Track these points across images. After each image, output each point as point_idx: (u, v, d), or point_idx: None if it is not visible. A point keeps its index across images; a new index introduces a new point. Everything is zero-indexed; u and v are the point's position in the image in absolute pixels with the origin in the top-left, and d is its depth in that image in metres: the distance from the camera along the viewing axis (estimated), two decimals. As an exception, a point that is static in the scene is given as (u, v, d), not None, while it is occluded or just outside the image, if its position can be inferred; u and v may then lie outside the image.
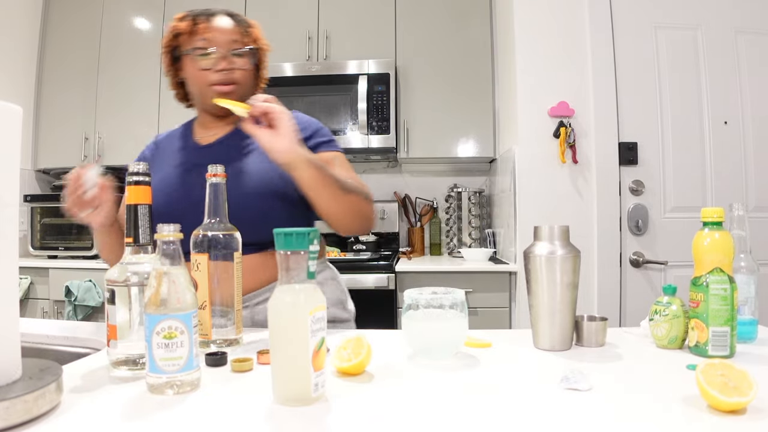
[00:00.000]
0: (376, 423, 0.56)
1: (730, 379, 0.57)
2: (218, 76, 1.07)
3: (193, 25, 1.08)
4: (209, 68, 1.07)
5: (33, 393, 0.54)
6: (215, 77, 1.07)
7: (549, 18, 2.14)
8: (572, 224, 0.97)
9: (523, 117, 2.14)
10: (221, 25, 1.09)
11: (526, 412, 0.58)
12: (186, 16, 1.11)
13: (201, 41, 1.07)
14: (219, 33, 1.08)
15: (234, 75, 1.08)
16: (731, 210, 0.92)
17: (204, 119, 1.17)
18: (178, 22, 1.11)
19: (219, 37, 1.07)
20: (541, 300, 0.86)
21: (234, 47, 1.08)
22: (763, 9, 2.13)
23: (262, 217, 1.03)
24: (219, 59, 1.07)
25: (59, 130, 2.84)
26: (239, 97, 1.08)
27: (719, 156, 2.10)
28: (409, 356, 0.81)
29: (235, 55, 1.08)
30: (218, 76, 1.07)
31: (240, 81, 1.10)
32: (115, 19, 2.83)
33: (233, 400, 0.62)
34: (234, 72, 1.08)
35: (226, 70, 1.07)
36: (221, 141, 1.14)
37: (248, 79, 1.13)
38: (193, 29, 1.08)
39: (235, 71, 1.08)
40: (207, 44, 1.07)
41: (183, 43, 1.09)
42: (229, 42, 1.08)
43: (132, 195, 0.74)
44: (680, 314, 0.84)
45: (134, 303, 0.71)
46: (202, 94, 1.10)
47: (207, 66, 1.07)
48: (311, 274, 0.62)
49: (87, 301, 2.33)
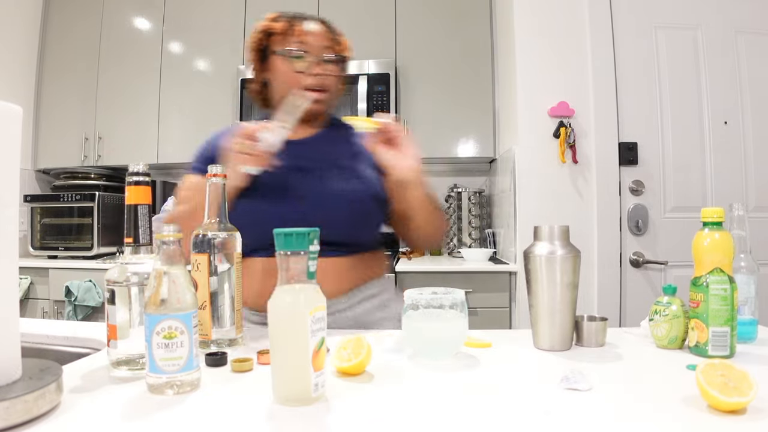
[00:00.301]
0: (376, 423, 0.56)
1: (730, 379, 0.57)
2: (311, 81, 1.06)
3: (288, 27, 1.08)
4: (303, 71, 1.06)
5: (33, 393, 0.54)
6: (308, 81, 1.06)
7: (549, 18, 2.14)
8: (572, 224, 0.96)
9: (523, 117, 2.14)
10: (315, 29, 1.09)
11: (526, 412, 0.58)
12: (280, 17, 1.11)
13: (295, 44, 1.07)
14: (313, 38, 1.07)
15: (326, 81, 1.08)
16: (731, 210, 0.92)
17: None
18: (272, 22, 1.10)
19: (313, 41, 1.07)
20: (541, 300, 0.86)
21: (326, 52, 1.08)
22: (763, 9, 2.13)
23: (360, 218, 1.05)
24: (314, 64, 1.06)
25: (59, 130, 2.84)
26: (327, 102, 1.11)
27: (719, 156, 2.10)
28: (409, 356, 0.81)
29: (326, 61, 1.08)
30: (311, 80, 1.06)
31: (330, 87, 1.10)
32: (115, 19, 2.83)
33: (233, 400, 0.62)
34: (326, 78, 1.08)
35: (320, 75, 1.07)
36: (311, 139, 1.13)
37: (336, 86, 1.13)
38: (288, 30, 1.08)
39: (327, 77, 1.08)
40: (301, 47, 1.06)
41: (275, 43, 1.09)
42: (322, 48, 1.08)
43: (132, 195, 0.74)
44: (680, 314, 0.84)
45: (134, 303, 0.71)
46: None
47: (301, 69, 1.06)
48: (311, 274, 0.62)
49: (87, 301, 2.34)
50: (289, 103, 1.01)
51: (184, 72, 2.76)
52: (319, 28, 1.10)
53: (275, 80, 1.11)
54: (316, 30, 1.09)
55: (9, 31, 2.72)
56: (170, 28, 2.79)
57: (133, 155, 2.70)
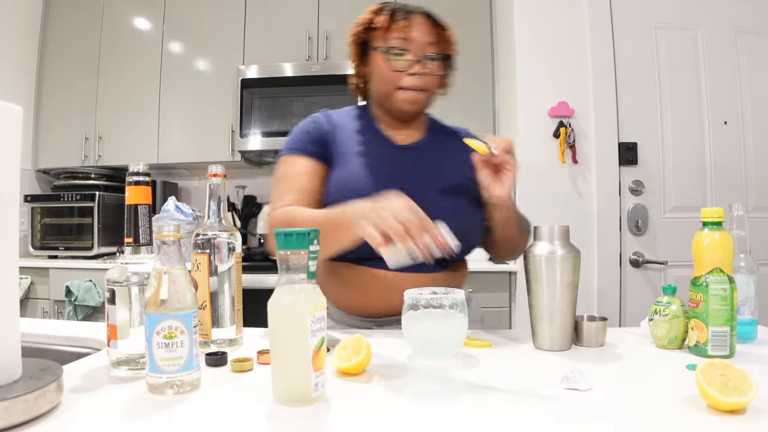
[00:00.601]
0: (376, 423, 0.56)
1: (729, 379, 0.57)
2: (410, 81, 1.02)
3: (390, 21, 1.02)
4: (402, 70, 1.02)
5: (33, 393, 0.54)
6: (407, 81, 1.02)
7: (549, 18, 2.14)
8: (572, 224, 0.96)
9: (523, 117, 2.14)
10: (419, 24, 1.02)
11: (526, 412, 0.58)
12: (382, 9, 1.05)
13: (396, 40, 1.02)
14: (416, 33, 1.02)
15: (425, 80, 1.03)
16: (731, 210, 0.92)
17: (385, 118, 1.11)
18: (374, 15, 1.05)
19: (415, 37, 1.01)
20: (541, 300, 0.86)
21: (428, 51, 1.03)
22: (763, 9, 2.13)
23: (466, 235, 1.01)
24: (413, 62, 1.01)
25: (59, 130, 2.84)
26: (425, 103, 1.07)
27: (719, 156, 2.10)
28: (409, 356, 0.81)
29: (428, 59, 1.03)
30: (410, 80, 1.02)
31: (429, 87, 1.05)
32: (115, 19, 2.83)
33: (233, 400, 0.62)
34: (426, 77, 1.03)
35: (419, 74, 1.02)
36: (421, 145, 1.10)
37: (437, 85, 1.08)
38: (389, 25, 1.02)
39: (427, 76, 1.03)
40: (402, 44, 1.01)
41: (376, 37, 1.04)
42: (425, 45, 1.02)
43: (132, 195, 0.74)
44: (680, 314, 0.84)
45: (134, 303, 0.71)
46: (389, 96, 1.05)
47: (400, 68, 1.02)
48: (311, 274, 0.62)
49: (87, 301, 2.34)
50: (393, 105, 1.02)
51: (185, 72, 2.76)
52: (423, 23, 1.03)
53: (374, 76, 1.07)
54: (418, 25, 1.02)
55: (9, 31, 2.72)
56: (170, 29, 2.79)
57: (133, 155, 2.69)
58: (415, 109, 1.05)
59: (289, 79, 2.59)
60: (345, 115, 1.14)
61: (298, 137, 1.08)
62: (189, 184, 3.12)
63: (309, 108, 2.57)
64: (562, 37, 2.13)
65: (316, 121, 1.10)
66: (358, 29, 1.08)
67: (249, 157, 2.75)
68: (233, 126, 2.67)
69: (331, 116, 1.12)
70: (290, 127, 2.78)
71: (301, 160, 1.05)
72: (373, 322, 1.04)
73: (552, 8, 2.15)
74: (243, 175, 2.99)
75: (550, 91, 2.12)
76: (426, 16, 1.04)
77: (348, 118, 1.13)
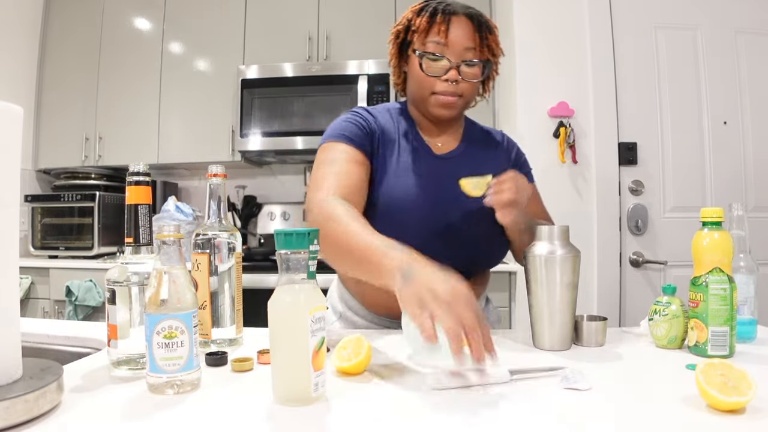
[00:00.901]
0: (376, 423, 0.56)
1: (729, 379, 0.57)
2: (444, 87, 0.99)
3: (428, 24, 0.98)
4: (437, 76, 0.99)
5: (34, 393, 0.54)
6: (441, 87, 0.99)
7: (549, 18, 2.14)
8: (572, 224, 0.96)
9: (523, 117, 2.14)
10: (459, 28, 0.98)
11: (525, 412, 0.58)
12: (423, 9, 1.01)
13: (433, 44, 0.98)
14: (454, 38, 0.97)
15: (460, 87, 1.00)
16: (731, 210, 0.92)
17: (422, 120, 1.09)
18: (415, 16, 1.01)
19: (454, 41, 0.97)
20: (541, 300, 0.86)
21: (467, 56, 0.99)
22: (763, 9, 2.13)
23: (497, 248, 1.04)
24: (449, 68, 0.98)
25: (59, 130, 2.84)
26: (461, 108, 1.04)
27: (719, 156, 2.10)
28: (409, 356, 0.81)
29: (466, 64, 0.99)
30: (444, 86, 0.99)
31: (465, 93, 1.01)
32: (115, 19, 2.83)
33: (233, 400, 0.62)
34: (461, 83, 0.99)
35: (455, 81, 0.98)
36: (458, 155, 1.08)
37: (474, 91, 1.04)
38: (428, 28, 0.98)
39: (463, 83, 1.00)
40: (439, 49, 0.98)
41: (415, 38, 1.00)
42: (463, 50, 0.98)
43: (132, 195, 0.74)
44: (680, 314, 0.84)
45: (135, 303, 0.71)
46: (423, 100, 1.02)
47: (435, 74, 0.98)
48: (311, 274, 0.62)
49: (87, 301, 2.34)
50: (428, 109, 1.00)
51: (185, 72, 2.76)
52: (464, 26, 0.98)
53: (410, 78, 1.05)
54: (459, 29, 0.98)
55: (10, 31, 2.72)
56: (170, 29, 2.79)
57: (133, 155, 2.69)
58: (449, 114, 1.02)
59: (290, 79, 2.59)
60: (387, 115, 1.10)
61: (346, 126, 1.03)
62: (189, 184, 3.12)
63: (309, 108, 2.57)
64: (561, 37, 2.13)
65: (365, 117, 1.06)
66: (398, 28, 1.04)
67: (249, 157, 2.75)
68: (233, 126, 2.67)
69: (377, 116, 1.08)
70: (290, 127, 2.79)
71: (346, 147, 1.00)
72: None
73: (552, 8, 2.14)
74: (243, 175, 2.99)
75: (550, 91, 2.12)
76: (469, 18, 0.99)
77: (389, 119, 1.09)
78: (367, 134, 1.03)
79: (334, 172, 0.96)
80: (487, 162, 1.09)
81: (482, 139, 1.14)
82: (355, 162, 0.99)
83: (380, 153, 1.04)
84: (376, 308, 1.07)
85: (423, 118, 1.08)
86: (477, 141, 1.13)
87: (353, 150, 0.99)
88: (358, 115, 1.06)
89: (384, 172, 1.02)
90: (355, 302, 1.10)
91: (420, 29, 0.99)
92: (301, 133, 2.57)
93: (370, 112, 1.08)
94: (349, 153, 0.99)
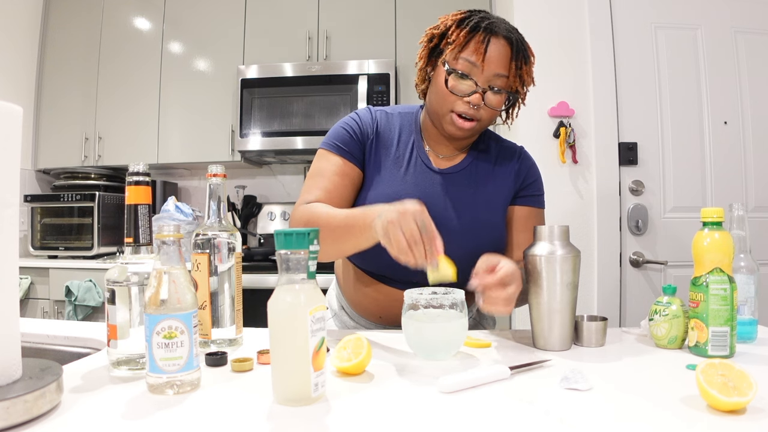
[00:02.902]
0: (376, 423, 0.56)
1: (729, 379, 0.57)
2: (464, 108, 0.95)
3: (465, 40, 0.94)
4: (460, 96, 0.95)
5: (33, 393, 0.54)
6: (461, 107, 0.96)
7: (549, 18, 2.14)
8: (572, 224, 0.97)
9: (523, 117, 2.14)
10: (496, 52, 0.94)
11: (526, 412, 0.58)
12: (465, 21, 0.96)
13: (465, 62, 0.94)
14: (489, 61, 0.93)
15: (480, 112, 0.97)
16: (731, 210, 0.92)
17: (432, 132, 1.06)
18: (455, 26, 0.96)
19: (486, 66, 0.94)
20: (541, 300, 0.86)
21: (496, 83, 0.95)
22: (763, 9, 2.13)
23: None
24: (475, 91, 0.94)
25: (59, 130, 2.84)
26: (475, 132, 1.00)
27: (719, 156, 2.10)
28: (409, 356, 0.81)
29: (493, 91, 0.96)
30: (465, 108, 0.95)
31: (483, 119, 0.98)
32: (115, 19, 2.83)
33: (233, 400, 0.62)
34: (482, 109, 0.96)
35: (476, 106, 0.95)
36: (459, 171, 1.05)
37: (492, 118, 1.01)
38: (464, 43, 0.94)
39: (484, 108, 0.96)
40: (469, 69, 0.94)
41: (448, 50, 0.96)
42: (494, 76, 0.95)
43: (132, 195, 0.74)
44: (680, 314, 0.84)
45: (134, 303, 0.71)
46: (440, 115, 0.99)
47: (458, 93, 0.95)
48: (311, 274, 0.62)
49: (87, 301, 2.34)
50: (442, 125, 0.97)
51: (184, 72, 2.76)
52: (501, 51, 0.94)
53: (433, 87, 1.01)
54: (496, 52, 0.94)
55: (9, 31, 2.72)
56: (170, 28, 2.79)
57: (133, 155, 2.70)
58: (462, 135, 0.99)
59: (289, 79, 2.59)
60: (395, 119, 1.09)
61: (340, 133, 1.04)
62: (189, 184, 3.12)
63: (309, 107, 2.57)
64: (562, 37, 2.13)
65: (363, 121, 1.05)
66: (434, 32, 1.00)
67: (249, 157, 2.75)
68: (233, 126, 2.67)
69: (378, 120, 1.07)
70: (290, 127, 2.79)
71: (336, 159, 1.01)
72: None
73: (552, 8, 2.14)
74: (243, 175, 2.99)
75: (550, 91, 2.12)
76: (508, 42, 0.95)
77: (395, 124, 1.08)
78: (357, 142, 1.03)
79: (319, 185, 1.00)
80: (491, 180, 1.06)
81: (494, 155, 1.09)
82: (342, 174, 1.01)
83: (374, 158, 1.03)
84: (369, 316, 1.09)
85: (434, 128, 1.05)
86: (486, 157, 1.09)
87: (341, 161, 1.01)
88: (354, 121, 1.05)
89: (376, 178, 1.02)
90: (349, 308, 1.13)
91: (456, 43, 0.94)
92: (301, 133, 2.57)
93: (372, 113, 1.07)
94: (337, 165, 1.01)
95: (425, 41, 1.02)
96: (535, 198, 1.11)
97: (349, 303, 1.12)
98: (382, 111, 1.09)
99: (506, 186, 1.07)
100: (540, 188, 1.13)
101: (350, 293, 1.11)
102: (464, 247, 0.96)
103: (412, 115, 1.10)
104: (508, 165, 1.09)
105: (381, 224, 0.79)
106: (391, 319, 1.06)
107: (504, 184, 1.07)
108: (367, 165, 1.04)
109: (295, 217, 0.97)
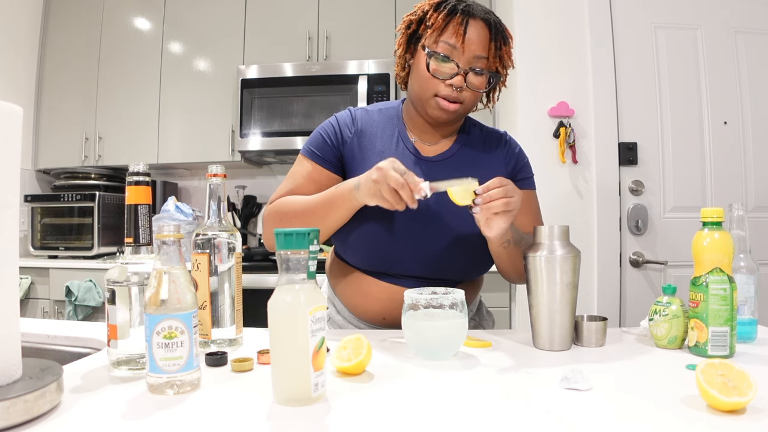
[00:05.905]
0: (376, 423, 0.56)
1: (729, 379, 0.57)
2: (447, 91, 0.96)
3: (444, 23, 0.94)
4: (441, 78, 0.96)
5: (33, 393, 0.54)
6: (444, 90, 0.96)
7: (549, 18, 2.14)
8: (572, 224, 0.97)
9: (522, 117, 2.14)
10: (475, 33, 0.94)
11: (526, 412, 0.58)
12: (442, 5, 0.96)
13: (445, 44, 0.94)
14: (469, 42, 0.94)
15: (463, 94, 0.97)
16: (731, 210, 0.92)
17: (417, 120, 1.06)
18: (432, 10, 0.97)
19: (467, 46, 0.94)
20: (541, 300, 0.86)
21: (477, 65, 0.96)
22: (763, 9, 2.13)
23: (477, 257, 1.03)
24: (455, 74, 0.95)
25: (59, 130, 2.84)
26: (460, 114, 1.01)
27: (719, 156, 2.10)
28: (409, 356, 0.81)
29: (474, 72, 0.96)
30: (447, 90, 0.96)
31: (467, 101, 0.98)
32: (115, 19, 2.83)
33: (233, 400, 0.62)
34: (465, 91, 0.97)
35: (459, 87, 0.96)
36: (448, 157, 1.06)
37: (476, 100, 1.01)
38: (442, 26, 0.95)
39: (467, 90, 0.97)
40: (449, 51, 0.94)
41: (427, 34, 0.96)
42: (475, 57, 0.95)
43: (132, 195, 0.74)
44: (680, 314, 0.84)
45: (134, 303, 0.71)
46: (423, 99, 0.99)
47: (440, 76, 0.95)
48: (311, 274, 0.62)
49: (87, 301, 2.34)
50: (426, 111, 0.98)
51: (184, 72, 2.76)
52: (480, 33, 0.95)
53: (414, 74, 1.01)
54: (474, 33, 0.94)
55: (10, 31, 2.72)
56: (170, 28, 2.79)
57: (133, 155, 2.70)
58: (447, 118, 1.00)
59: (289, 79, 2.59)
60: (377, 116, 1.09)
61: (316, 139, 1.06)
62: (189, 184, 3.12)
63: (309, 107, 2.57)
64: (561, 37, 2.13)
65: (341, 123, 1.06)
66: (411, 18, 1.01)
67: (249, 157, 2.75)
68: (233, 126, 2.67)
69: (359, 119, 1.07)
70: (290, 127, 2.79)
71: (309, 165, 1.05)
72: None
73: (552, 8, 2.14)
74: (243, 175, 2.99)
75: (550, 91, 2.12)
76: (486, 24, 0.96)
77: (378, 121, 1.08)
78: (331, 146, 1.05)
79: (287, 187, 1.04)
80: (481, 166, 1.06)
81: (480, 141, 1.10)
82: (310, 179, 1.04)
83: (358, 155, 1.04)
84: (372, 318, 1.08)
85: (418, 116, 1.05)
86: (473, 143, 1.09)
87: (311, 166, 1.04)
88: (331, 125, 1.07)
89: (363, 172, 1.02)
90: (342, 307, 1.12)
91: (435, 26, 0.95)
92: (300, 133, 2.57)
93: (351, 113, 1.09)
94: (307, 170, 1.04)
95: (403, 28, 1.03)
96: (528, 180, 1.13)
97: (348, 307, 1.11)
98: (362, 109, 1.10)
99: (497, 171, 1.07)
100: (530, 170, 1.14)
101: (350, 297, 1.09)
102: (457, 234, 0.98)
103: (393, 109, 1.11)
104: (495, 150, 1.10)
105: (365, 187, 0.86)
106: (394, 318, 1.05)
107: (494, 169, 1.07)
108: (350, 163, 1.04)
109: (268, 211, 1.02)
